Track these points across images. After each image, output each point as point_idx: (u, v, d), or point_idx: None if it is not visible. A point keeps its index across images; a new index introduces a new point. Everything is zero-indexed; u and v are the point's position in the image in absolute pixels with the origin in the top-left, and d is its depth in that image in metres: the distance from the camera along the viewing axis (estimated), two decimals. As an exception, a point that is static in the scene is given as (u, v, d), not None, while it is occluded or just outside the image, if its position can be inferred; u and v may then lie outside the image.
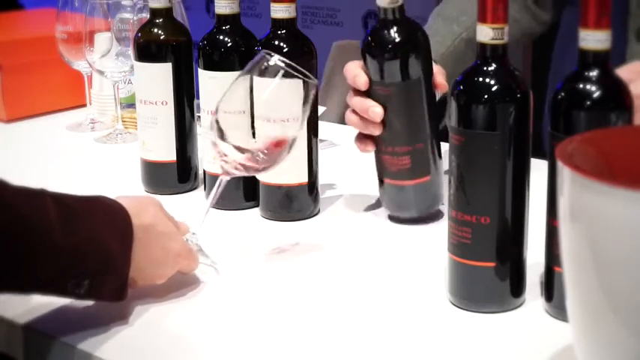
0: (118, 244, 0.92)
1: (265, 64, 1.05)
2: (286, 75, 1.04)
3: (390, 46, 1.15)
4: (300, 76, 1.05)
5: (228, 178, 1.08)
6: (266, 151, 1.06)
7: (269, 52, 1.05)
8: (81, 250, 0.89)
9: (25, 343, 0.97)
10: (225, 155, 1.06)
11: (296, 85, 1.06)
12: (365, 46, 1.16)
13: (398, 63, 1.15)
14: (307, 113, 1.08)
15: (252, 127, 1.07)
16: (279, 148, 1.06)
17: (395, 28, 1.14)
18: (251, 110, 1.07)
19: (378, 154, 1.21)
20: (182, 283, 1.03)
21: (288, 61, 1.05)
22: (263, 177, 1.24)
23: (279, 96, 1.06)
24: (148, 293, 1.00)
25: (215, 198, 1.08)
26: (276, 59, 1.04)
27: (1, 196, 0.84)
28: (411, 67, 1.15)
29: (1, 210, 0.83)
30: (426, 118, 1.18)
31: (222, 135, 1.05)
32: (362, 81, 1.16)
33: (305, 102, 1.06)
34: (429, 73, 1.18)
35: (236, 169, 1.06)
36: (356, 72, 1.17)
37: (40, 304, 0.98)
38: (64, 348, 0.93)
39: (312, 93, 1.07)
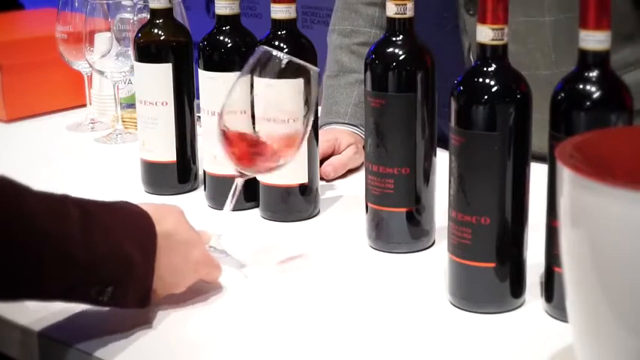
0: (141, 251, 0.92)
1: (267, 58, 1.04)
2: (288, 68, 1.04)
3: (387, 55, 1.09)
4: (303, 64, 1.04)
5: (242, 180, 1.08)
6: (276, 149, 1.06)
7: (268, 48, 1.05)
8: (101, 258, 0.88)
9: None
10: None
11: (298, 82, 1.06)
12: (368, 54, 1.13)
13: (393, 74, 1.09)
14: (314, 106, 1.08)
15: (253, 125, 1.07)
16: (289, 147, 1.06)
17: (398, 39, 1.09)
18: (252, 111, 1.07)
19: (365, 174, 1.15)
20: (189, 289, 1.03)
21: (289, 56, 1.05)
22: (263, 177, 1.24)
23: (283, 93, 1.06)
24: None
25: (233, 203, 1.08)
26: (277, 52, 1.04)
27: (20, 204, 0.84)
28: (406, 80, 1.09)
29: (24, 220, 0.83)
30: (417, 141, 1.10)
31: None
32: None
33: (310, 94, 1.06)
34: (428, 94, 1.10)
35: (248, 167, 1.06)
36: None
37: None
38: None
39: (315, 84, 1.07)
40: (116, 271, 0.90)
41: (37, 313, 0.98)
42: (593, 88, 0.89)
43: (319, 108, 1.31)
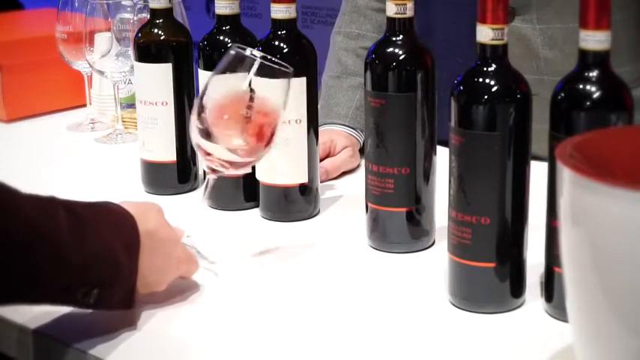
0: (126, 252, 0.92)
1: (239, 57, 1.04)
2: (262, 68, 1.03)
3: (387, 55, 1.09)
4: (275, 66, 1.04)
5: (215, 176, 1.08)
6: (247, 144, 1.05)
7: (241, 46, 1.05)
8: (91, 260, 0.88)
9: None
10: (209, 154, 1.06)
11: (274, 79, 1.05)
12: (368, 54, 1.12)
13: (393, 74, 1.09)
14: (287, 104, 1.07)
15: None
16: (260, 141, 1.06)
17: (398, 39, 1.09)
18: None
19: (365, 174, 1.15)
20: (185, 287, 1.03)
21: (262, 54, 1.04)
22: (263, 177, 1.24)
23: (258, 89, 1.05)
24: (153, 299, 1.00)
25: (206, 198, 1.08)
26: (249, 52, 1.04)
27: (16, 206, 0.84)
28: (406, 80, 1.09)
29: (15, 221, 0.83)
30: (417, 141, 1.10)
31: (206, 134, 1.05)
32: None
33: (284, 93, 1.05)
34: (428, 94, 1.10)
35: (222, 166, 1.06)
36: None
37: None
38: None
39: (290, 82, 1.06)
40: (105, 271, 0.90)
41: (33, 312, 0.98)
42: (593, 88, 0.89)
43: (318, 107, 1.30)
